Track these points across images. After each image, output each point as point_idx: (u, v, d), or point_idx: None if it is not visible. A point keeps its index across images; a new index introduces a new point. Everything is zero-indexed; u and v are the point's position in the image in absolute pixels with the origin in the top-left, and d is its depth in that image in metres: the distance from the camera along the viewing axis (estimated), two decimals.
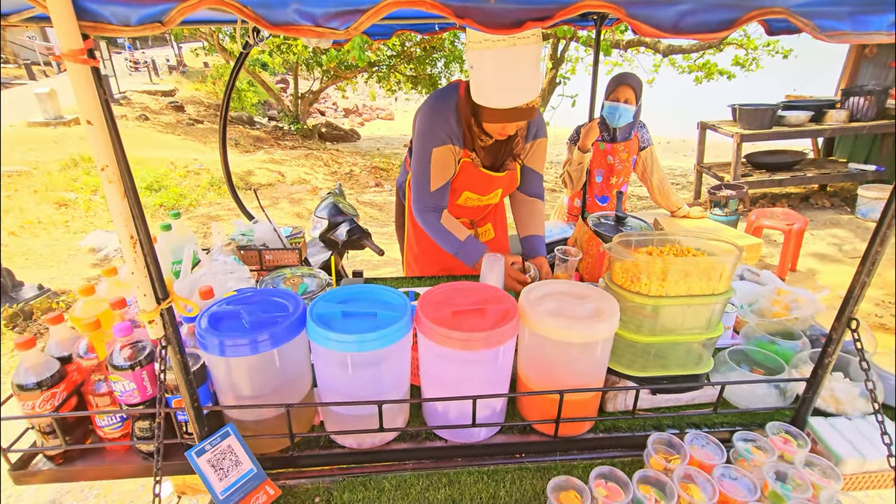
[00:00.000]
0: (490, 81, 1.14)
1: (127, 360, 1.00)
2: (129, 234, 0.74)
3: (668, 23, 0.66)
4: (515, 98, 1.17)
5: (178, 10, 0.60)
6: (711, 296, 1.18)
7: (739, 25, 0.67)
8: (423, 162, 1.60)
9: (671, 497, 0.96)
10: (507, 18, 0.64)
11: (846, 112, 5.07)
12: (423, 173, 1.61)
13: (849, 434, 1.15)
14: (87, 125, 0.64)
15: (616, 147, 2.48)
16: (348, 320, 1.08)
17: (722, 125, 5.30)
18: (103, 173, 0.68)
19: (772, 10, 0.66)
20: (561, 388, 1.10)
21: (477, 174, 1.70)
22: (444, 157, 1.59)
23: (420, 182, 1.64)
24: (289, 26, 0.63)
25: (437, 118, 1.58)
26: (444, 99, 1.61)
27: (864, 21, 0.68)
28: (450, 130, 1.57)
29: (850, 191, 5.61)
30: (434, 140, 1.57)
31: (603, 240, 1.80)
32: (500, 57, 1.05)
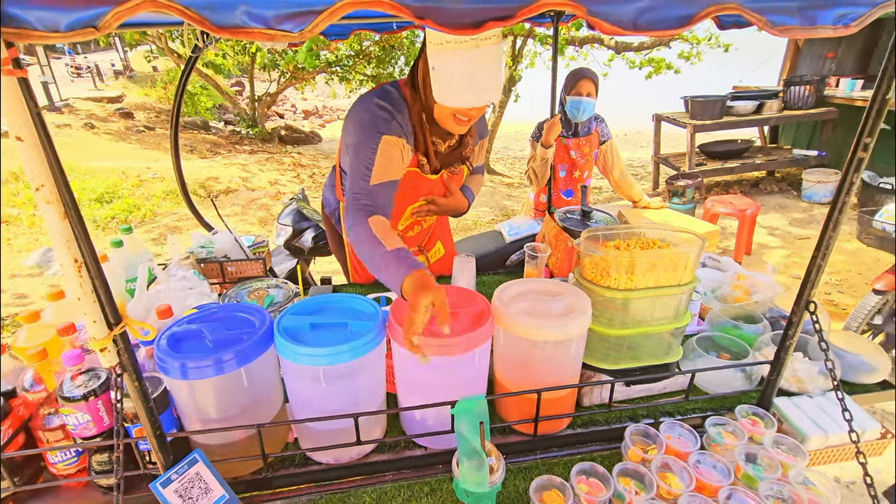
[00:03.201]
0: (455, 82, 1.11)
1: (79, 391, 0.93)
2: (73, 257, 0.68)
3: (627, 20, 0.66)
4: (481, 98, 1.16)
5: (114, 15, 0.55)
6: (678, 286, 1.21)
7: (697, 21, 0.68)
8: (368, 150, 1.30)
9: (650, 488, 0.98)
10: (468, 18, 0.62)
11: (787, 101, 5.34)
12: (364, 164, 1.29)
13: (811, 412, 1.20)
14: (18, 142, 0.59)
15: (578, 142, 2.52)
16: (318, 332, 1.04)
17: (676, 117, 5.48)
18: (39, 193, 0.62)
19: (726, 6, 0.67)
20: (538, 386, 1.10)
21: (424, 182, 1.52)
22: (394, 148, 1.33)
23: (357, 174, 1.30)
24: (237, 29, 0.59)
25: (385, 111, 1.34)
26: (388, 97, 1.37)
27: (811, 16, 0.71)
28: (402, 124, 1.35)
29: (796, 175, 5.92)
30: (384, 128, 1.31)
31: (571, 235, 1.81)
32: (464, 57, 1.03)
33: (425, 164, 1.49)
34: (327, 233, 1.83)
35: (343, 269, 1.92)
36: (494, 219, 6.01)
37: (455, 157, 1.57)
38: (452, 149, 1.55)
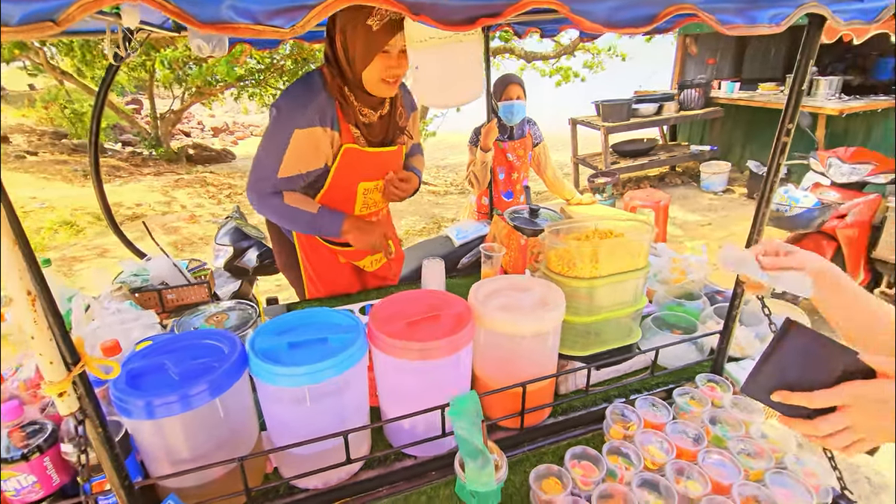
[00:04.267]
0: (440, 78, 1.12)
1: (20, 449, 0.80)
2: (26, 289, 0.59)
3: (603, 18, 0.70)
4: (463, 94, 1.17)
5: (79, 7, 0.49)
6: (635, 271, 1.30)
7: (660, 20, 0.74)
8: (278, 144, 1.38)
9: (639, 462, 1.03)
10: (461, 15, 0.63)
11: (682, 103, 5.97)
12: (273, 155, 1.39)
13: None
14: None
15: (514, 144, 2.62)
16: (297, 351, 0.98)
17: (590, 120, 5.89)
18: None
19: (684, 6, 0.74)
20: (519, 380, 1.12)
21: (365, 157, 1.53)
22: (308, 141, 1.40)
23: (264, 164, 1.41)
24: (224, 24, 0.55)
25: (301, 99, 1.39)
26: (306, 82, 1.43)
27: (752, 16, 0.80)
28: (319, 110, 1.39)
29: (694, 169, 6.60)
30: (297, 121, 1.37)
31: (522, 232, 1.87)
32: (446, 53, 1.04)
33: (360, 136, 1.50)
34: (276, 248, 1.74)
35: (295, 285, 1.82)
36: (426, 227, 6.04)
37: (393, 129, 1.59)
38: (386, 121, 1.55)
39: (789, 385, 0.64)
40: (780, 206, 2.94)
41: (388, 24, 1.28)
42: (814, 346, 0.62)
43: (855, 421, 0.59)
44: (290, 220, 1.52)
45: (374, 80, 1.38)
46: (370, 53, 1.33)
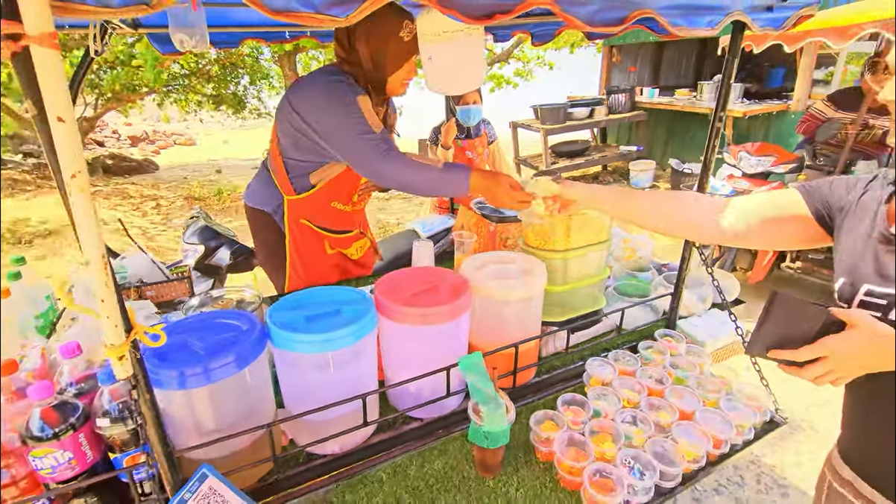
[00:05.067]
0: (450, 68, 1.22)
1: (53, 427, 0.81)
2: (101, 252, 0.63)
3: (586, 18, 0.86)
4: (470, 82, 1.28)
5: None
6: (599, 244, 1.48)
7: (629, 21, 0.90)
8: (353, 111, 1.38)
9: (618, 402, 1.19)
10: (482, 11, 0.75)
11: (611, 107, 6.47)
12: (359, 120, 1.38)
13: (701, 326, 1.57)
14: (59, 123, 0.54)
15: (472, 142, 2.78)
16: (314, 323, 1.04)
17: (529, 123, 6.23)
18: (74, 181, 0.57)
19: (645, 10, 0.91)
20: (509, 340, 1.25)
21: None
22: (368, 104, 1.43)
23: (364, 132, 1.38)
24: (289, 13, 0.63)
25: (344, 81, 1.44)
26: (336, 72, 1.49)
27: (693, 20, 0.99)
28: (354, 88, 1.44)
29: (623, 167, 7.16)
30: (352, 91, 1.41)
31: (490, 220, 2.02)
32: (456, 47, 1.14)
33: None
34: (261, 239, 1.76)
35: (275, 278, 1.85)
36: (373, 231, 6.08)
37: (388, 125, 1.70)
38: (382, 120, 1.65)
39: (781, 342, 0.78)
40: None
41: (413, 37, 1.39)
42: (796, 309, 0.75)
43: (833, 365, 0.75)
44: (414, 178, 1.39)
45: (397, 83, 1.52)
46: (401, 60, 1.45)
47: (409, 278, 1.24)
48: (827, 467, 0.98)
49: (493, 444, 1.02)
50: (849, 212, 0.86)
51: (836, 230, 0.88)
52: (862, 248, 0.81)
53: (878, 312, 0.76)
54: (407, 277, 1.25)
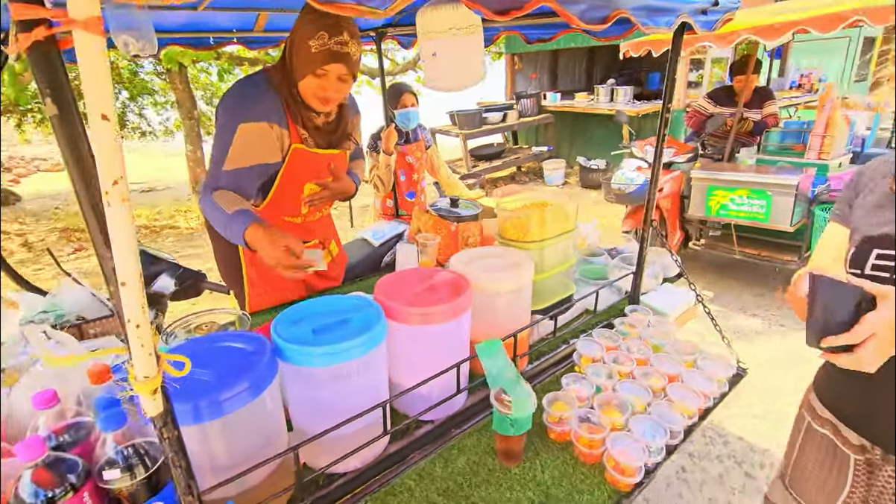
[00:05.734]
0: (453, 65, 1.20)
1: (50, 489, 0.68)
2: (138, 271, 0.56)
3: (578, 15, 0.92)
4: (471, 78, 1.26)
5: None
6: (567, 232, 1.57)
7: (611, 20, 0.98)
8: (224, 139, 1.38)
9: (614, 376, 1.28)
10: (500, 6, 0.77)
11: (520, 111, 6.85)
12: (220, 150, 1.40)
13: (659, 299, 1.73)
14: (102, 122, 0.47)
15: (411, 147, 2.79)
16: (325, 335, 0.99)
17: (448, 129, 6.38)
18: (116, 189, 0.50)
19: (622, 11, 1.00)
20: (503, 334, 1.29)
21: (313, 158, 1.55)
22: (254, 135, 1.39)
23: (214, 160, 1.41)
24: (333, 4, 0.61)
25: (244, 96, 1.41)
26: (250, 80, 1.45)
27: (657, 20, 1.10)
28: (266, 108, 1.41)
29: (536, 167, 7.60)
30: (242, 115, 1.38)
31: (450, 220, 2.04)
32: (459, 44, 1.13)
33: (307, 137, 1.52)
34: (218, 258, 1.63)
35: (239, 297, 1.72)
36: None
37: (340, 134, 1.63)
38: (334, 124, 1.60)
39: (826, 328, 0.78)
40: (620, 186, 3.66)
41: (326, 51, 1.33)
42: (834, 289, 0.77)
43: (880, 342, 0.75)
44: (211, 218, 1.40)
45: (309, 93, 1.43)
46: (303, 71, 1.38)
47: (404, 280, 1.22)
48: (805, 409, 1.12)
49: (519, 431, 1.04)
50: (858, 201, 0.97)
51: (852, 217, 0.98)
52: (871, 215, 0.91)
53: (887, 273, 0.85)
54: (402, 279, 1.23)
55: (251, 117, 1.38)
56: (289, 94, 1.43)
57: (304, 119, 1.48)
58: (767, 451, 2.32)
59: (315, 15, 1.31)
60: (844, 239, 0.99)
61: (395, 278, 1.23)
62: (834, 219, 1.04)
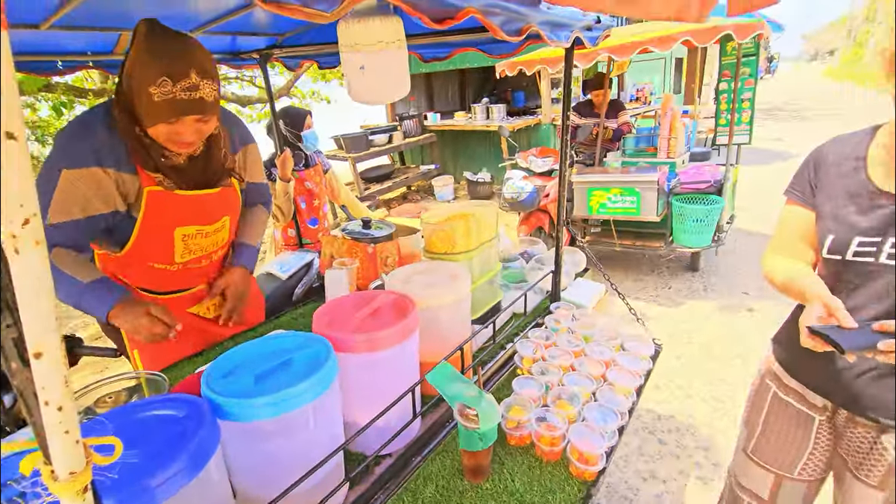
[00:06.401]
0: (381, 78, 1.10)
1: None
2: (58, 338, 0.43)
3: (499, 27, 0.96)
4: (398, 92, 1.18)
5: None
6: (490, 240, 1.61)
7: (524, 33, 1.04)
8: (45, 187, 1.19)
9: (558, 371, 1.32)
10: (437, 15, 0.77)
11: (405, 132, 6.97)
12: (43, 201, 1.19)
13: (575, 293, 1.85)
14: (9, 142, 0.35)
15: (309, 172, 2.66)
16: (270, 381, 0.87)
17: (335, 153, 6.23)
18: (27, 231, 0.38)
19: (531, 26, 1.06)
20: (447, 348, 1.27)
21: (178, 200, 1.34)
22: (80, 183, 1.20)
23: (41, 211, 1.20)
24: (281, 4, 0.55)
25: (74, 138, 1.22)
26: (85, 120, 1.25)
27: (559, 34, 1.19)
28: (96, 150, 1.21)
29: (425, 185, 7.76)
30: (67, 160, 1.19)
31: (366, 243, 1.97)
32: (386, 57, 1.06)
33: (164, 179, 1.31)
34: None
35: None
36: None
37: (214, 170, 1.41)
38: (202, 161, 1.38)
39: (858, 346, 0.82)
40: (513, 195, 3.88)
41: (172, 101, 1.14)
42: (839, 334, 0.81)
43: None
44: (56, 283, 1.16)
45: (159, 138, 1.24)
46: (149, 119, 1.19)
47: (342, 308, 1.14)
48: (769, 378, 1.22)
49: (487, 444, 1.02)
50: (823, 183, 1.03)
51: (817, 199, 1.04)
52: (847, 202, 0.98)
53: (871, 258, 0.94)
54: (340, 308, 1.14)
55: (77, 162, 1.19)
56: (131, 135, 1.23)
57: (158, 160, 1.28)
58: (672, 418, 2.59)
59: (149, 56, 1.11)
60: (808, 220, 1.05)
61: (332, 307, 1.14)
62: (794, 200, 1.10)
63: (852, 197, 0.98)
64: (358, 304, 1.16)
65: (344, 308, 1.15)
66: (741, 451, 1.31)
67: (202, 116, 1.21)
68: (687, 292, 3.94)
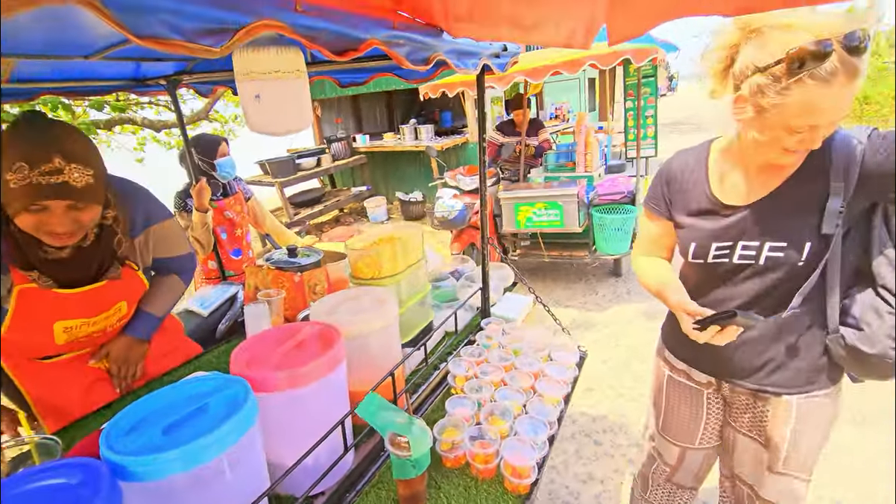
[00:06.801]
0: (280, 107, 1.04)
1: None
2: None
3: (404, 57, 0.98)
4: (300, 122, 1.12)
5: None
6: (417, 262, 1.62)
7: (432, 62, 1.07)
8: None
9: (489, 387, 1.35)
10: (339, 47, 0.77)
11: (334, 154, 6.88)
12: None
13: (504, 308, 1.90)
14: None
15: (229, 201, 2.54)
16: (181, 432, 0.81)
17: (261, 178, 6.01)
18: None
19: (438, 54, 1.10)
20: (378, 374, 1.25)
21: (57, 298, 1.24)
22: None
23: None
24: (160, 40, 0.53)
25: None
26: None
27: (466, 62, 1.24)
28: None
29: (358, 207, 7.68)
30: None
31: (293, 271, 1.91)
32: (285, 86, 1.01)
33: (39, 277, 1.21)
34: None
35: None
36: None
37: (102, 261, 1.31)
38: (89, 253, 1.27)
39: None
40: (444, 214, 3.94)
41: (29, 187, 1.05)
42: None
43: None
44: None
45: (28, 229, 1.12)
46: (12, 209, 1.09)
47: (263, 344, 1.09)
48: (662, 363, 1.36)
49: (421, 470, 1.01)
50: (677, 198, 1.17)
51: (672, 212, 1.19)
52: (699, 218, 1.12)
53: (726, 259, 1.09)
54: (260, 344, 1.10)
55: None
56: (6, 231, 1.13)
57: (35, 255, 1.17)
58: (605, 419, 2.71)
59: (10, 143, 1.04)
60: (664, 228, 1.21)
61: (252, 344, 1.09)
62: (652, 214, 1.24)
63: (701, 211, 1.13)
64: (280, 339, 1.11)
65: (265, 344, 1.10)
66: (654, 430, 1.43)
67: (73, 203, 1.11)
68: (612, 297, 4.17)
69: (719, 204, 1.10)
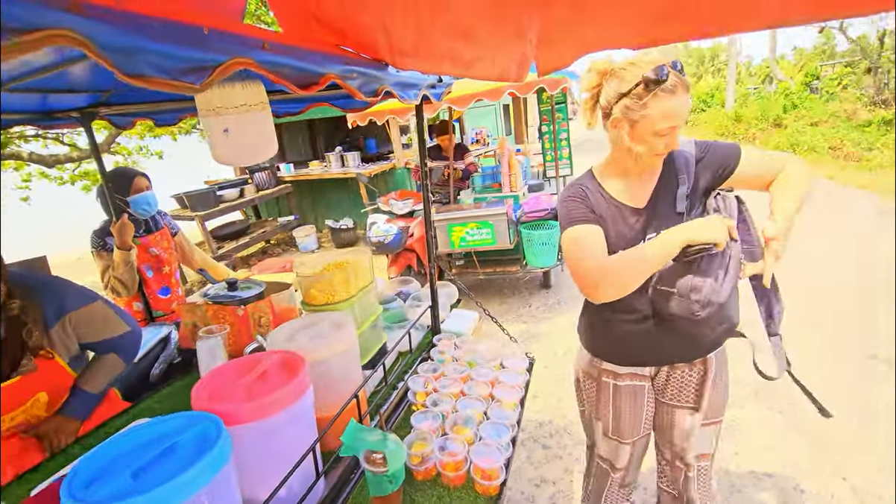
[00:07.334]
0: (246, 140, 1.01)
1: None
2: None
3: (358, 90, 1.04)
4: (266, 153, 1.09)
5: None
6: (368, 285, 1.66)
7: (380, 94, 1.14)
8: None
9: (449, 400, 1.40)
10: (305, 81, 0.81)
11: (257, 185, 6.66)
12: None
13: (453, 323, 1.97)
14: None
15: (154, 237, 2.39)
16: (152, 474, 0.78)
17: (179, 213, 5.64)
18: None
19: (385, 86, 1.18)
20: (341, 398, 1.26)
21: None
22: None
23: None
24: (146, 78, 0.55)
25: None
26: None
27: (409, 93, 1.33)
28: None
29: (286, 237, 7.45)
30: None
31: (235, 305, 1.85)
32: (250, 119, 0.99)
33: None
34: None
35: None
36: None
37: (12, 357, 1.26)
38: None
39: None
40: (380, 238, 3.97)
41: None
42: None
43: None
44: None
45: None
46: None
47: (224, 377, 1.07)
48: (605, 376, 1.38)
49: (397, 485, 1.04)
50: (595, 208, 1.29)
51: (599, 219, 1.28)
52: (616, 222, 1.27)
53: None
54: (221, 377, 1.07)
55: None
56: None
57: None
58: (551, 423, 2.85)
59: None
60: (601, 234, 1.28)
61: (211, 379, 1.06)
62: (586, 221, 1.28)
63: (614, 217, 1.28)
64: (240, 371, 1.09)
65: (225, 377, 1.07)
66: (602, 435, 1.49)
67: None
68: (545, 308, 4.41)
69: (627, 207, 1.27)
